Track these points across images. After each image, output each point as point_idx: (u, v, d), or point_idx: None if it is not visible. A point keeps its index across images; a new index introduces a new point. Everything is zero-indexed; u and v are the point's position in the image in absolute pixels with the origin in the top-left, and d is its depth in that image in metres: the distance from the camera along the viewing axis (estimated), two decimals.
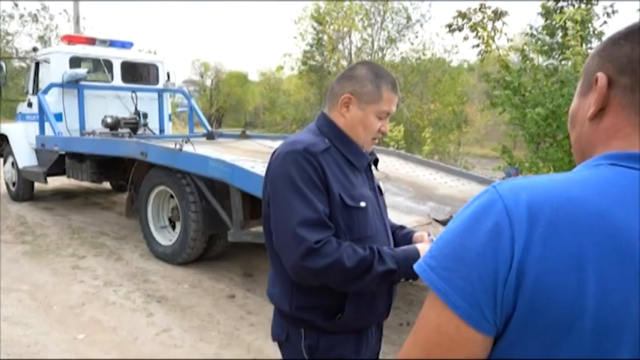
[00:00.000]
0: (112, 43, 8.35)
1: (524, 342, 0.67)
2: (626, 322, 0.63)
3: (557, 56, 6.14)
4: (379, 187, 1.75)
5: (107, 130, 7.19)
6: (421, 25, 15.00)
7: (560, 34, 5.24)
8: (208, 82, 32.83)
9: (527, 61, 5.42)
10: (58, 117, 7.31)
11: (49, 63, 7.64)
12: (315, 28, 15.50)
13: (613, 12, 6.31)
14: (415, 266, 0.76)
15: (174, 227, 5.32)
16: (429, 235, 1.70)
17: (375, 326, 1.69)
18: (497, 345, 0.70)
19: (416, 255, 1.51)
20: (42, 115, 7.37)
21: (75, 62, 7.65)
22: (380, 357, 1.78)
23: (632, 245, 0.63)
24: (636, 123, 0.72)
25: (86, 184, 8.92)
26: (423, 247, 1.56)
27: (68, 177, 7.46)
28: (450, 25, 6.44)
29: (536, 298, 0.64)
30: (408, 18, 14.82)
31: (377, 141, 1.65)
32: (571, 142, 0.87)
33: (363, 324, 1.60)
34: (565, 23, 4.86)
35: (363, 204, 1.53)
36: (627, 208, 0.65)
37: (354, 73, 1.59)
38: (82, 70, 7.40)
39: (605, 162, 0.72)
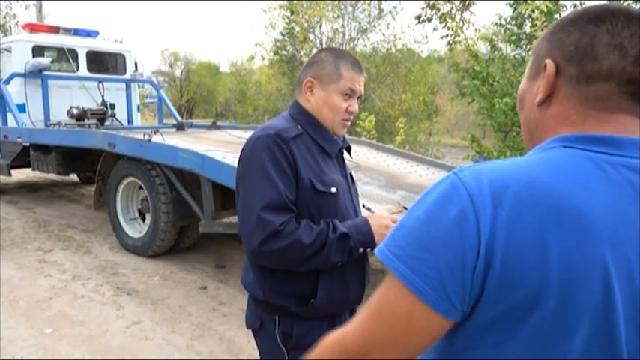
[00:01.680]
0: (77, 32, 8.13)
1: (492, 323, 0.68)
2: (586, 297, 0.65)
3: (524, 46, 6.26)
4: (351, 176, 1.76)
5: (73, 121, 7.01)
6: (393, 18, 15.04)
7: (529, 25, 5.32)
8: (178, 73, 32.26)
9: (496, 51, 5.51)
10: (21, 108, 7.10)
11: (10, 52, 7.39)
12: (286, 18, 15.38)
13: (582, 5, 6.45)
14: (377, 252, 0.75)
15: (144, 219, 5.24)
16: (364, 206, 1.78)
17: (348, 312, 1.70)
18: (465, 327, 0.71)
19: (363, 221, 1.57)
20: (4, 106, 7.15)
21: (38, 51, 7.43)
22: None
23: (591, 224, 0.65)
24: (582, 112, 0.74)
25: (52, 176, 8.71)
26: (370, 215, 1.64)
27: (33, 169, 7.26)
28: (418, 17, 6.49)
29: (503, 281, 0.65)
30: (380, 9, 14.85)
31: (348, 123, 1.66)
32: (520, 123, 0.87)
33: (336, 310, 1.62)
34: (533, 12, 4.94)
35: (334, 190, 1.55)
36: (583, 187, 0.67)
37: (315, 58, 1.64)
38: (45, 60, 7.20)
39: (559, 144, 0.74)
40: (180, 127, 7.33)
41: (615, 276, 0.65)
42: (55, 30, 7.98)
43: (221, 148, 4.72)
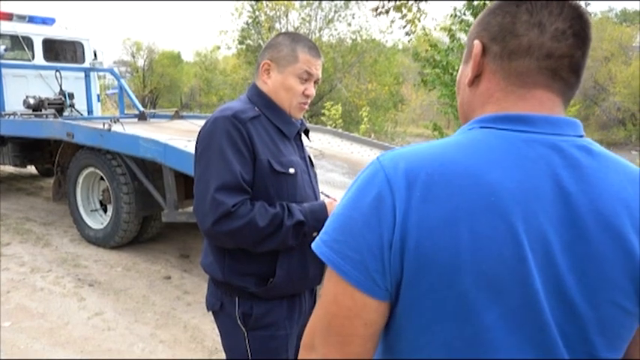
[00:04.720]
0: (32, 19, 7.85)
1: (416, 304, 0.71)
2: (502, 272, 0.67)
3: None
4: (310, 158, 1.79)
5: (30, 111, 6.79)
6: (359, 8, 15.10)
7: None
8: (141, 63, 31.48)
9: (455, 41, 5.61)
10: None
11: None
12: (251, 7, 15.23)
13: None
14: (312, 245, 0.78)
15: (105, 210, 5.15)
16: (322, 193, 1.83)
17: (307, 292, 1.74)
18: (394, 311, 0.74)
19: (320, 207, 1.59)
20: None
21: None
22: None
23: (502, 200, 0.68)
24: (505, 87, 0.78)
25: (9, 169, 8.44)
26: (329, 202, 1.65)
27: None
28: (376, 9, 6.52)
29: (419, 261, 0.68)
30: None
31: (306, 106, 1.68)
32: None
33: (295, 289, 1.65)
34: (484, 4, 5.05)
35: (292, 170, 1.58)
36: (496, 165, 0.70)
37: (272, 42, 1.66)
38: None
39: (477, 125, 0.77)
40: (142, 117, 7.17)
41: (529, 248, 0.67)
42: (7, 17, 7.67)
43: (183, 136, 4.67)
